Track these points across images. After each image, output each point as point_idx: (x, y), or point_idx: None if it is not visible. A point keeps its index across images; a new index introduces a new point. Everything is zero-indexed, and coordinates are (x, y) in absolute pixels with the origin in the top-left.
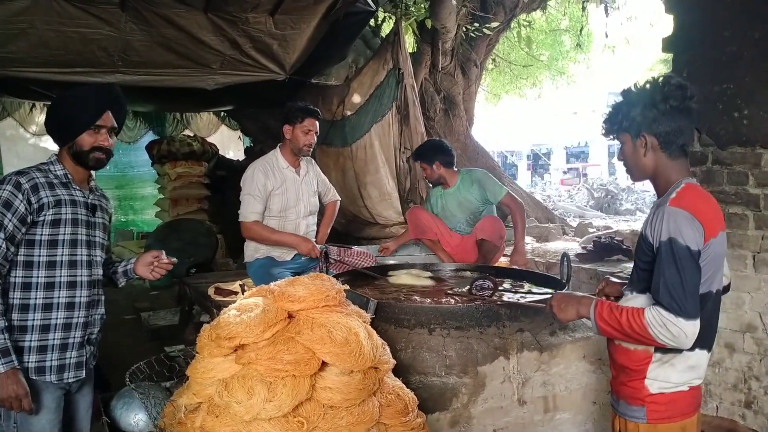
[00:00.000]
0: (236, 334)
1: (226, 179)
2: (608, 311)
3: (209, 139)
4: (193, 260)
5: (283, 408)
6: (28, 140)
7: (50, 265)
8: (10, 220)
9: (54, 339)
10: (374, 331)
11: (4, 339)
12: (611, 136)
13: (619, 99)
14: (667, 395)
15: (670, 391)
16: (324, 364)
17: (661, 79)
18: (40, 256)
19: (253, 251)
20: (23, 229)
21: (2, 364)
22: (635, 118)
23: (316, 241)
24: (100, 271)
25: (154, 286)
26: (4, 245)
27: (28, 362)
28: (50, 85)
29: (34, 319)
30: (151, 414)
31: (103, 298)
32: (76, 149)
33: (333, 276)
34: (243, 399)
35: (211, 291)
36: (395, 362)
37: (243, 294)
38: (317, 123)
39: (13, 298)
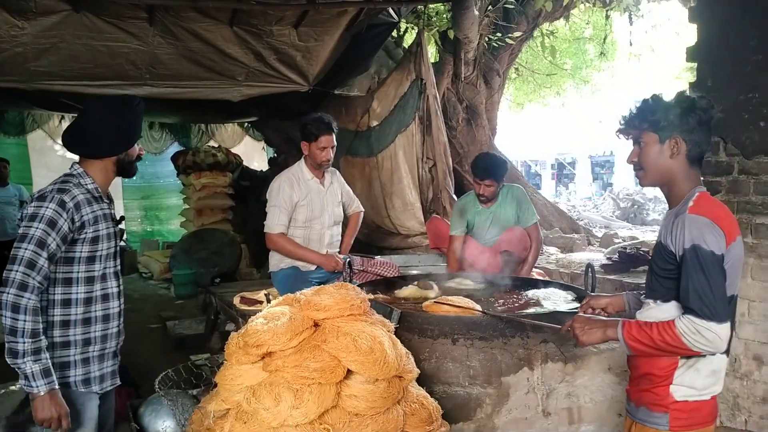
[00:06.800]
0: (264, 342)
1: (250, 189)
2: (637, 329)
3: (233, 150)
4: (218, 270)
5: (310, 415)
6: (57, 151)
7: (88, 280)
8: (54, 240)
9: (94, 351)
10: (398, 341)
11: (46, 359)
12: (628, 135)
13: (647, 102)
14: (690, 403)
15: (694, 399)
16: (349, 372)
17: (689, 95)
18: (78, 272)
19: (278, 261)
20: (63, 248)
21: (45, 384)
22: (673, 121)
23: (339, 251)
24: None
25: (179, 296)
26: (45, 265)
27: (74, 376)
28: (79, 97)
29: (75, 334)
30: (179, 420)
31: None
32: (127, 159)
33: (357, 285)
34: (270, 406)
35: (236, 300)
36: (419, 371)
37: (268, 303)
38: (333, 137)
39: (54, 315)
